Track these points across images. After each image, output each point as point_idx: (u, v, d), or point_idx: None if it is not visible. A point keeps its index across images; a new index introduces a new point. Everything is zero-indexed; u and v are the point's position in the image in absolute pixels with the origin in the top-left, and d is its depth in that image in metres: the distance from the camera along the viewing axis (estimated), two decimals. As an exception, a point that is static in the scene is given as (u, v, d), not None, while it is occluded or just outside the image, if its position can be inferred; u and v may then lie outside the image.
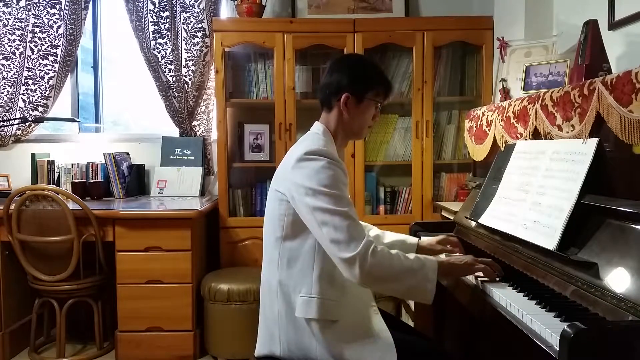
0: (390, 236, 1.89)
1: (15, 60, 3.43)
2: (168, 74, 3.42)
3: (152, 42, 3.41)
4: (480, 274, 1.58)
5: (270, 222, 1.57)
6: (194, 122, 3.48)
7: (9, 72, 3.43)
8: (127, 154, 3.49)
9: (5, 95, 3.44)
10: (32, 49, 3.43)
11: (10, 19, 3.41)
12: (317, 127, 1.63)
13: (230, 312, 2.77)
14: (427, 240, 1.92)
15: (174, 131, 3.51)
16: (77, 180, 3.33)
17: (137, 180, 3.45)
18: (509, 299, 1.37)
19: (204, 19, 3.37)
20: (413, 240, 1.89)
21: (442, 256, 1.84)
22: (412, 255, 1.48)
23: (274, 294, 1.54)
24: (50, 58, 3.45)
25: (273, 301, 1.55)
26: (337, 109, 1.61)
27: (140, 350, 2.82)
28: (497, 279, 1.56)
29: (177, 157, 3.44)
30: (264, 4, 3.23)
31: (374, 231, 1.90)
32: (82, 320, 3.09)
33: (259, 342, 1.61)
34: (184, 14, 3.39)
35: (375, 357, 1.48)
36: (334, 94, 1.60)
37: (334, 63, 1.68)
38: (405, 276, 1.43)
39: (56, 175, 3.41)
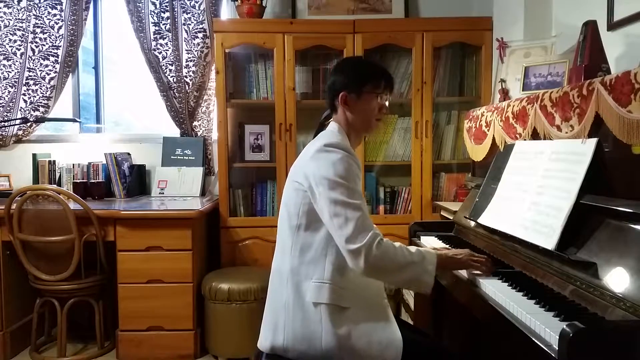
0: None
1: (17, 61, 3.44)
2: (169, 75, 3.43)
3: (153, 43, 3.42)
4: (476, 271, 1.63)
5: (285, 211, 1.61)
6: (195, 123, 3.49)
7: (10, 72, 3.44)
8: (128, 154, 3.49)
9: (7, 96, 3.44)
10: (33, 50, 3.44)
11: (11, 20, 3.42)
12: (333, 125, 1.68)
13: (231, 311, 2.78)
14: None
15: (174, 131, 3.52)
16: (78, 180, 3.34)
17: (138, 180, 3.46)
18: (508, 299, 1.38)
19: (204, 19, 3.37)
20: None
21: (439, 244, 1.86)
22: (413, 248, 1.54)
23: (284, 281, 1.57)
24: (52, 58, 3.45)
25: (282, 289, 1.57)
26: (341, 109, 1.66)
27: (141, 350, 2.83)
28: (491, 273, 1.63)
29: (178, 157, 3.45)
30: (264, 4, 3.24)
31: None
32: (83, 319, 3.10)
33: (262, 332, 1.63)
34: (184, 14, 3.40)
35: (382, 346, 1.50)
36: (334, 95, 1.66)
37: (332, 69, 1.76)
38: (406, 268, 1.50)
39: (57, 175, 3.42)
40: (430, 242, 2.15)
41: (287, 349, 1.54)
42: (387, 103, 1.69)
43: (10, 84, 3.44)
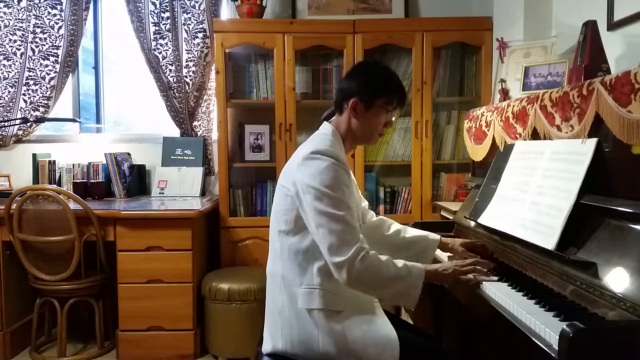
0: (411, 232, 1.93)
1: (17, 61, 3.44)
2: (169, 75, 3.43)
3: (153, 43, 3.42)
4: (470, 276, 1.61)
5: (275, 216, 1.61)
6: (195, 123, 3.49)
7: (10, 72, 3.44)
8: (128, 154, 3.50)
9: (7, 96, 3.44)
10: (33, 50, 3.44)
11: (11, 20, 3.42)
12: (327, 128, 1.66)
13: (231, 311, 2.78)
14: (450, 240, 1.93)
15: (174, 131, 3.53)
16: (78, 180, 3.34)
17: (138, 180, 3.46)
18: (508, 299, 1.38)
19: (204, 19, 3.38)
20: (435, 237, 1.91)
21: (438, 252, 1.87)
22: (400, 263, 1.51)
23: (277, 286, 1.57)
24: (52, 58, 3.45)
25: (277, 294, 1.58)
26: (347, 113, 1.64)
27: (141, 350, 2.83)
28: (493, 276, 1.61)
29: (178, 157, 3.45)
30: (264, 5, 3.24)
31: (395, 226, 1.93)
32: (83, 319, 3.10)
33: (264, 337, 1.64)
34: (184, 14, 3.40)
35: (379, 347, 1.50)
36: (345, 98, 1.63)
37: (352, 68, 1.73)
38: (391, 283, 1.48)
39: (57, 175, 3.42)
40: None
41: (287, 353, 1.54)
42: (393, 119, 1.68)
43: (10, 84, 3.44)
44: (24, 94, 3.46)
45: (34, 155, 3.42)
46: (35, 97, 3.46)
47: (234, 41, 3.12)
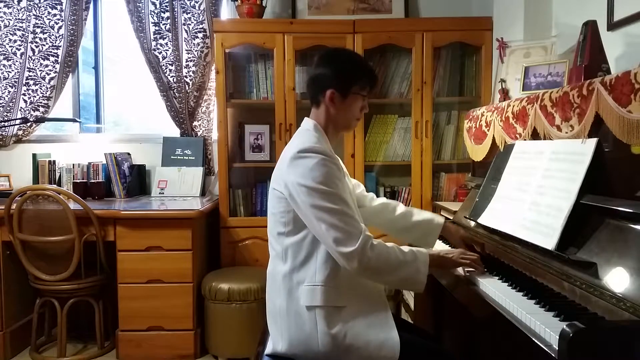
0: (417, 214, 1.96)
1: (17, 61, 3.44)
2: (169, 75, 3.43)
3: (153, 43, 3.42)
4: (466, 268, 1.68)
5: (272, 219, 1.61)
6: (195, 123, 3.49)
7: (10, 72, 3.44)
8: (128, 154, 3.50)
9: (7, 96, 3.44)
10: (33, 50, 3.44)
11: (11, 20, 3.42)
12: (308, 123, 1.66)
13: (231, 311, 2.78)
14: (454, 229, 1.97)
15: (174, 131, 3.53)
16: (78, 180, 3.35)
17: (138, 180, 3.46)
18: (508, 299, 1.38)
19: (204, 19, 3.38)
20: (439, 221, 1.95)
21: (437, 246, 1.92)
22: (406, 248, 1.54)
23: (277, 287, 1.58)
24: (52, 58, 3.46)
25: (276, 295, 1.58)
26: (325, 105, 1.64)
27: (141, 350, 2.83)
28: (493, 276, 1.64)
29: (178, 157, 3.45)
30: (264, 4, 3.24)
31: (400, 208, 1.95)
32: (83, 319, 3.10)
33: (269, 339, 1.64)
34: (184, 14, 3.40)
35: (379, 346, 1.50)
36: (320, 90, 1.64)
37: (319, 58, 1.70)
38: (399, 269, 1.50)
39: (57, 175, 3.42)
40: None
41: (286, 353, 1.55)
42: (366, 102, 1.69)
43: (10, 84, 3.44)
44: (24, 94, 3.46)
45: (34, 155, 3.42)
46: (35, 97, 3.46)
47: (234, 41, 3.12)
